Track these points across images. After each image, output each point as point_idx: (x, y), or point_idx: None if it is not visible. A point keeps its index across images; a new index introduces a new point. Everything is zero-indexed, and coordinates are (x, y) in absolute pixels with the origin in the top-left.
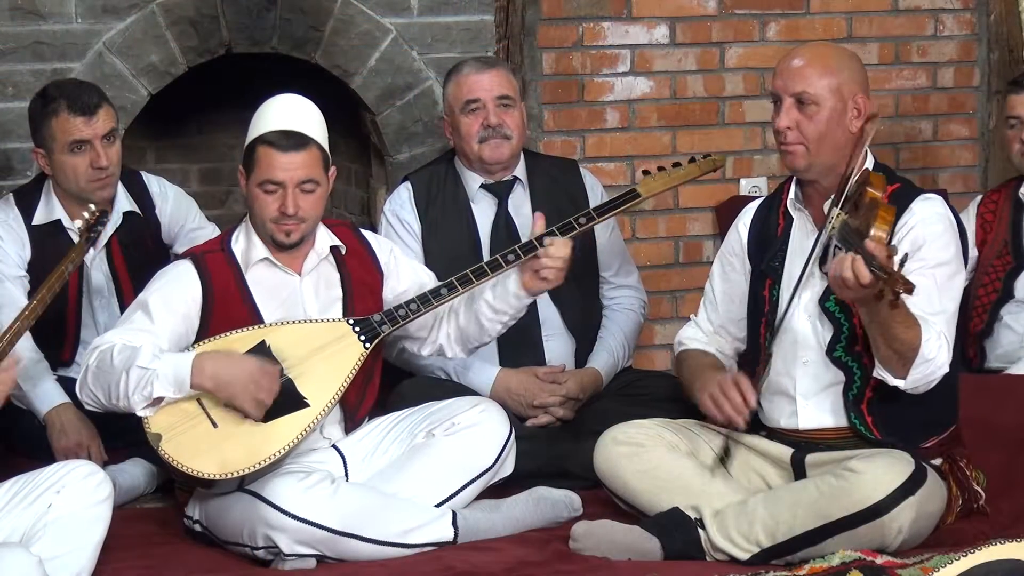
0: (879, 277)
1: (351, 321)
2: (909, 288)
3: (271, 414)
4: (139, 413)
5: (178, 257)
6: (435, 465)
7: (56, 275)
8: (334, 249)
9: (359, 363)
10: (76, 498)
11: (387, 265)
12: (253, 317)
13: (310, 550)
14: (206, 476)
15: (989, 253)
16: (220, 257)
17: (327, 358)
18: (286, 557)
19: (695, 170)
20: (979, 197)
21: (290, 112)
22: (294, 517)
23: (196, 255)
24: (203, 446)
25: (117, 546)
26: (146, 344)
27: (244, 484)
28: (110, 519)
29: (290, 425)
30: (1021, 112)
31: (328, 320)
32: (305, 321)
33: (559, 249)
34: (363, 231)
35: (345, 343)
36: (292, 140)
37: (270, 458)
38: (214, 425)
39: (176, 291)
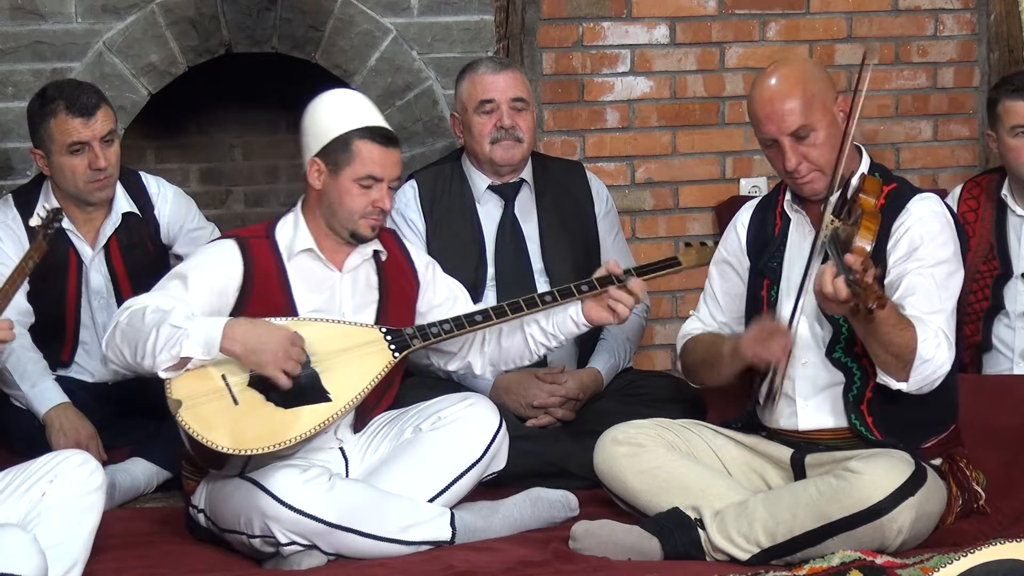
0: (854, 291)
1: (383, 329)
2: (882, 303)
3: (293, 402)
4: (162, 374)
5: (223, 237)
6: (422, 459)
7: (17, 271)
8: (375, 254)
9: (385, 370)
10: (69, 487)
11: (424, 277)
12: (288, 306)
13: (306, 542)
14: (219, 449)
15: (975, 258)
16: (264, 243)
17: (355, 359)
18: (284, 547)
19: None
20: (957, 190)
21: (372, 108)
22: (290, 508)
23: (241, 237)
24: (221, 420)
25: (117, 545)
26: (179, 307)
27: (247, 470)
28: (103, 508)
29: (309, 416)
30: None
31: (361, 324)
32: (339, 321)
33: (638, 288)
34: (405, 242)
35: (375, 348)
36: (390, 137)
37: (284, 443)
38: (235, 402)
39: (216, 267)
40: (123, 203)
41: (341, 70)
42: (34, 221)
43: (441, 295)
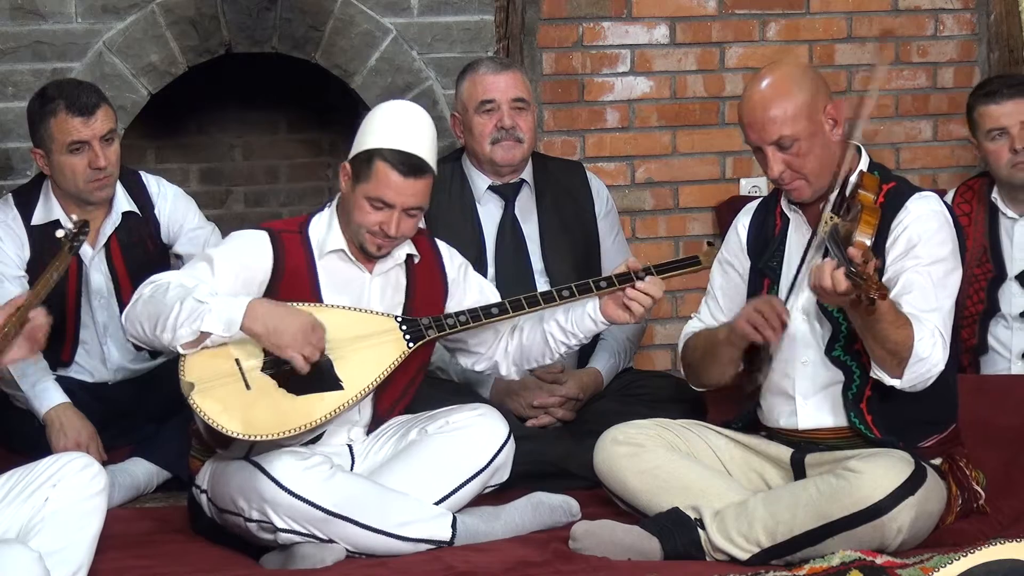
0: (855, 283)
1: (399, 319)
2: (883, 293)
3: (304, 389)
4: (180, 349)
5: (256, 227)
6: (426, 462)
7: (42, 283)
8: (408, 257)
9: (399, 359)
10: (73, 491)
11: (454, 281)
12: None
13: (303, 529)
14: (229, 433)
15: (970, 260)
16: (296, 239)
17: (369, 348)
18: (281, 534)
19: None
20: (950, 195)
21: (417, 131)
22: (289, 492)
23: (273, 230)
24: (232, 404)
25: (117, 545)
26: (203, 285)
27: (251, 453)
28: (106, 511)
29: (321, 403)
30: (1006, 122)
31: (377, 313)
32: (355, 309)
33: (655, 287)
34: (439, 243)
35: (389, 337)
36: (414, 166)
37: (295, 430)
38: (247, 387)
39: (244, 257)
40: (123, 202)
41: (341, 70)
42: (60, 233)
43: (471, 297)
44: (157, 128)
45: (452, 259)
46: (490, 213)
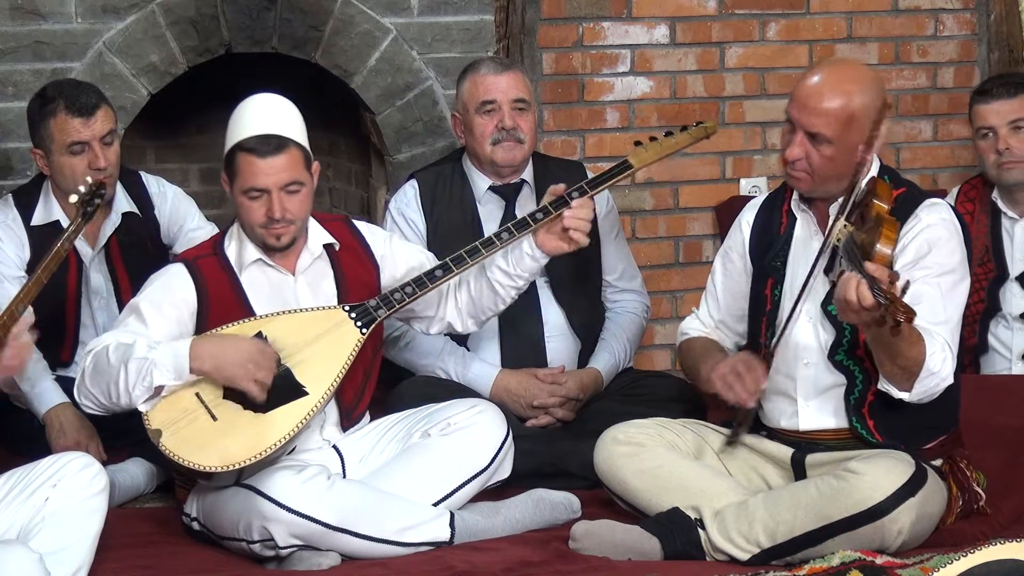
0: (881, 303)
1: (347, 307)
2: (910, 316)
3: (271, 404)
4: (140, 407)
5: (171, 261)
6: (430, 464)
7: (52, 254)
8: (328, 246)
9: (356, 349)
10: (73, 491)
11: (382, 257)
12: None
13: (302, 542)
14: (208, 469)
15: (972, 260)
16: (213, 261)
17: (324, 346)
18: (282, 550)
19: (686, 139)
20: (954, 193)
21: (265, 114)
22: (289, 510)
23: (189, 260)
24: (204, 439)
25: (116, 545)
26: (140, 340)
27: (242, 478)
28: (106, 511)
29: (290, 414)
30: (994, 121)
31: (324, 308)
32: (301, 310)
33: (585, 209)
34: (358, 223)
35: (342, 330)
36: (271, 144)
37: (271, 448)
38: (213, 418)
39: (168, 295)
40: (123, 203)
41: (341, 70)
42: (73, 199)
43: (403, 266)
44: (157, 128)
45: (375, 235)
46: (491, 213)
